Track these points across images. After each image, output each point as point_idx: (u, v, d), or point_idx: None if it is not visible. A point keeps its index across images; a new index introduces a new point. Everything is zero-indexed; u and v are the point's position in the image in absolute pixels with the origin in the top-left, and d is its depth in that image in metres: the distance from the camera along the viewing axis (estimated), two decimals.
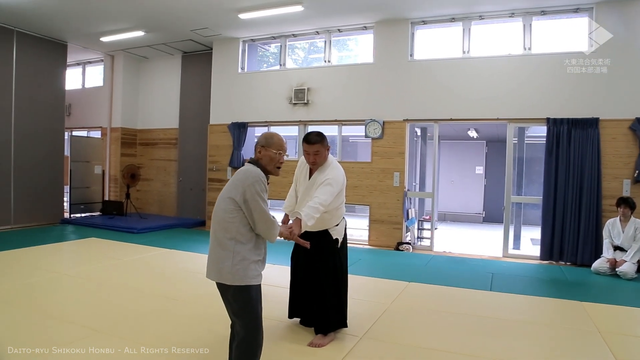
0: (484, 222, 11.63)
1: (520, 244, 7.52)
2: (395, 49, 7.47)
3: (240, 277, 2.35)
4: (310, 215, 2.93)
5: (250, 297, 2.40)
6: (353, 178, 7.78)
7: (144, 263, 5.80)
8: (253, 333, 2.42)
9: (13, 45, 8.13)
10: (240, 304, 2.40)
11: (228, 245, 2.37)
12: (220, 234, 2.40)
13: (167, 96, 10.15)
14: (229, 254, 2.36)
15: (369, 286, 4.91)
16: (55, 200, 9.00)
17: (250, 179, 2.38)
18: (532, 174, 9.01)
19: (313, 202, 3.01)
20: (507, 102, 6.74)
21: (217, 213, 2.44)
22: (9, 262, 5.54)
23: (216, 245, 2.41)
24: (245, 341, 2.41)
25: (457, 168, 12.16)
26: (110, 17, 7.65)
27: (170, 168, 10.19)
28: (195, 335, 3.28)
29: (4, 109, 8.04)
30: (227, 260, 2.36)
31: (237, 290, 2.37)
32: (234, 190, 2.40)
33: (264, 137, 2.58)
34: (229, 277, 2.35)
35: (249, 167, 2.48)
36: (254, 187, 2.35)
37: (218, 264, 2.38)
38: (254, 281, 2.41)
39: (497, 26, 7.19)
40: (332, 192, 3.13)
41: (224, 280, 2.37)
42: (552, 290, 5.00)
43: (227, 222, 2.38)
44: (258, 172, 2.43)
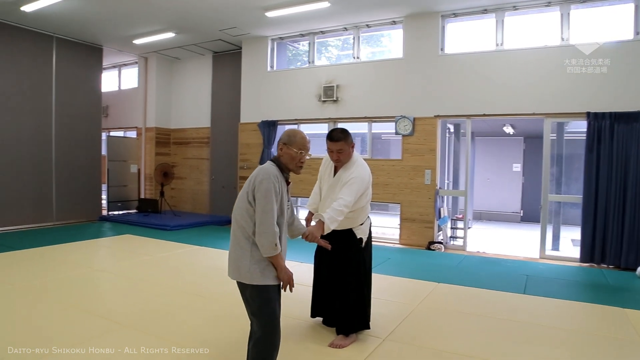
0: (521, 221, 11.21)
1: (559, 245, 7.19)
2: (426, 43, 7.28)
3: (257, 276, 2.33)
4: (333, 219, 2.88)
5: (269, 297, 2.38)
6: (383, 176, 7.66)
7: (175, 259, 5.90)
8: (270, 333, 2.39)
9: (53, 51, 8.45)
10: (257, 303, 2.37)
11: (245, 245, 2.36)
12: (238, 233, 2.40)
13: (198, 96, 10.32)
14: (246, 253, 2.35)
15: (396, 286, 4.79)
16: (93, 198, 9.31)
17: (260, 176, 2.35)
18: (572, 171, 8.59)
19: (337, 203, 2.94)
20: (544, 97, 6.44)
21: (236, 212, 2.43)
22: (47, 256, 5.77)
23: (235, 244, 2.41)
24: (261, 341, 2.39)
25: (494, 165, 11.78)
26: (142, 20, 7.82)
27: (203, 166, 10.35)
28: (215, 333, 3.28)
29: (45, 112, 8.37)
30: (245, 259, 2.34)
31: (255, 289, 2.35)
32: (247, 187, 2.39)
33: (287, 135, 2.54)
34: (247, 276, 2.33)
35: (265, 165, 2.45)
36: (262, 185, 2.32)
37: (236, 262, 2.37)
38: (271, 281, 2.38)
39: (532, 17, 6.87)
40: (357, 191, 3.06)
41: (242, 279, 2.36)
42: (592, 294, 4.71)
43: (245, 221, 2.36)
44: (271, 169, 2.39)
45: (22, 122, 7.99)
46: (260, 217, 2.29)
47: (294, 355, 2.97)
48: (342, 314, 3.24)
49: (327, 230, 2.85)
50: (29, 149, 8.11)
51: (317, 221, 2.89)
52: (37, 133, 8.24)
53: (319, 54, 8.82)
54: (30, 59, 8.12)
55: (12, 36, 7.79)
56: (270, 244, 2.28)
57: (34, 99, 8.18)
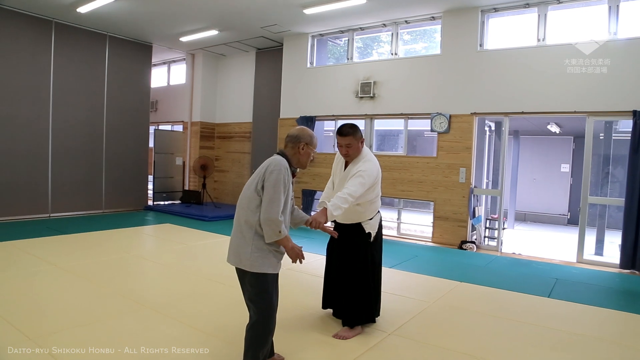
0: (568, 223, 10.72)
1: (603, 250, 6.84)
2: (464, 39, 7.12)
3: (258, 264, 2.45)
4: (337, 205, 2.93)
5: (267, 285, 2.49)
6: (418, 173, 7.60)
7: (207, 248, 6.17)
8: (266, 318, 2.51)
9: (106, 48, 9.01)
10: (256, 290, 2.49)
11: (248, 233, 2.47)
12: (241, 221, 2.51)
13: (242, 91, 10.62)
14: (248, 242, 2.46)
15: (415, 283, 4.77)
16: (140, 189, 9.85)
17: (272, 166, 2.48)
18: (620, 173, 8.13)
19: (342, 192, 3.01)
20: (587, 94, 6.13)
21: (242, 200, 2.55)
22: (92, 242, 6.20)
23: (238, 231, 2.52)
24: (256, 325, 2.51)
25: (540, 165, 11.32)
26: (187, 18, 8.16)
27: (244, 160, 10.66)
28: (227, 318, 3.43)
29: (97, 107, 8.94)
30: (247, 247, 2.46)
31: (254, 276, 2.46)
32: (257, 177, 2.51)
33: (309, 135, 2.70)
34: (248, 263, 2.45)
35: (276, 157, 2.58)
36: (272, 175, 2.44)
37: (238, 249, 2.49)
38: (271, 269, 2.49)
39: (577, 10, 6.54)
40: (363, 183, 3.11)
41: (242, 266, 2.48)
42: (623, 302, 4.46)
43: (250, 211, 2.48)
44: (283, 162, 2.52)
45: (76, 117, 8.58)
46: (266, 205, 2.40)
47: (297, 343, 3.07)
48: (348, 306, 3.31)
49: (330, 217, 2.92)
50: (82, 142, 8.70)
51: (321, 209, 2.97)
52: (89, 126, 8.82)
53: (362, 50, 8.84)
54: (85, 56, 8.69)
55: (69, 35, 8.38)
56: (274, 231, 2.40)
57: (88, 94, 8.76)
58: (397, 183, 7.75)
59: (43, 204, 8.20)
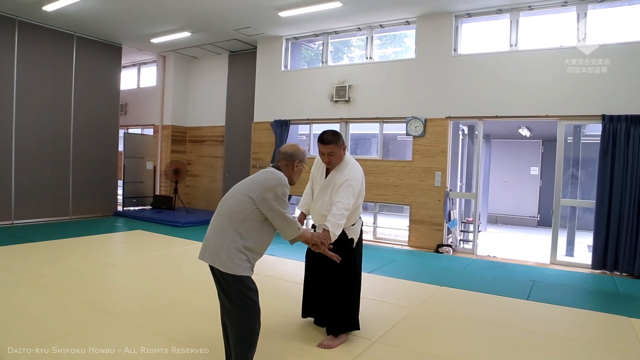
0: (538, 225, 10.98)
1: (573, 251, 7.01)
2: (439, 44, 7.19)
3: (235, 266, 2.41)
4: (337, 224, 2.92)
5: (245, 286, 2.46)
6: (393, 177, 7.61)
7: (180, 255, 5.97)
8: (250, 320, 2.46)
9: (73, 49, 8.67)
10: (234, 292, 2.44)
11: (229, 234, 2.44)
12: (223, 221, 2.49)
13: (214, 94, 10.43)
14: (227, 242, 2.43)
15: (395, 288, 4.74)
16: (109, 194, 9.51)
17: (274, 180, 2.50)
18: (589, 175, 8.37)
19: (337, 207, 2.96)
20: (558, 98, 6.28)
21: (227, 202, 2.55)
22: (59, 250, 5.91)
23: (219, 231, 2.49)
24: (242, 330, 2.46)
25: (511, 168, 11.56)
26: (158, 19, 7.94)
27: (217, 164, 10.46)
28: (205, 329, 3.30)
29: (64, 109, 8.58)
30: (225, 247, 2.42)
31: (231, 278, 2.42)
32: (253, 185, 2.49)
33: (302, 153, 2.77)
34: (227, 264, 2.41)
35: (274, 170, 2.58)
36: (277, 189, 2.46)
37: (216, 249, 2.44)
38: (247, 272, 2.47)
39: (548, 17, 6.71)
40: (353, 193, 3.07)
41: (219, 267, 2.43)
42: (598, 302, 4.58)
43: (236, 212, 2.46)
44: (283, 176, 2.54)
45: (41, 119, 8.22)
46: (280, 219, 2.48)
47: (281, 354, 2.97)
48: (332, 314, 3.23)
49: (333, 238, 2.90)
50: (47, 145, 8.33)
51: (322, 230, 2.90)
52: (55, 129, 8.46)
53: (334, 54, 8.81)
54: (51, 57, 8.35)
55: (34, 35, 8.02)
56: (296, 232, 2.56)
57: (54, 96, 8.41)
58: (372, 187, 7.73)
59: (6, 210, 7.80)
